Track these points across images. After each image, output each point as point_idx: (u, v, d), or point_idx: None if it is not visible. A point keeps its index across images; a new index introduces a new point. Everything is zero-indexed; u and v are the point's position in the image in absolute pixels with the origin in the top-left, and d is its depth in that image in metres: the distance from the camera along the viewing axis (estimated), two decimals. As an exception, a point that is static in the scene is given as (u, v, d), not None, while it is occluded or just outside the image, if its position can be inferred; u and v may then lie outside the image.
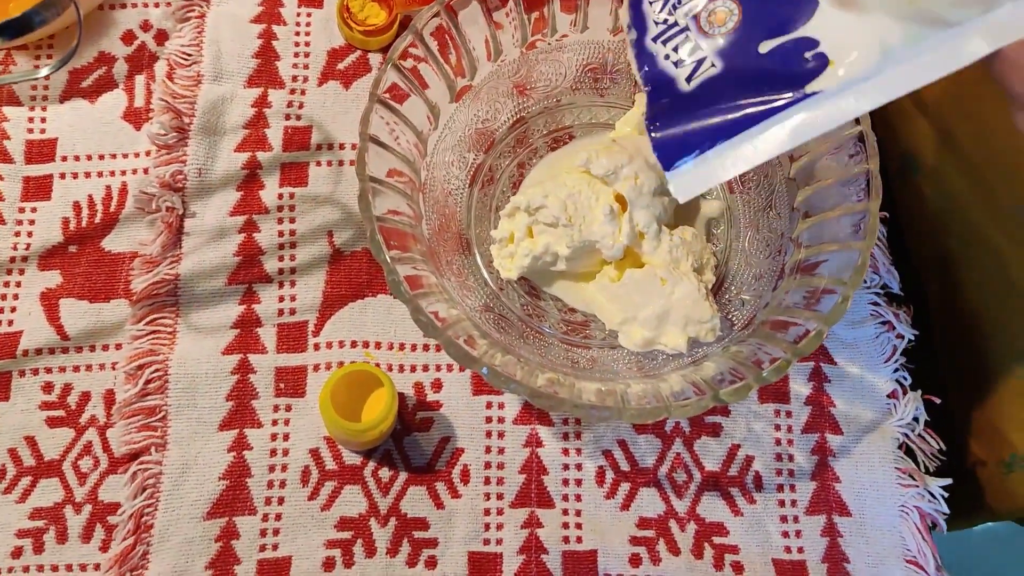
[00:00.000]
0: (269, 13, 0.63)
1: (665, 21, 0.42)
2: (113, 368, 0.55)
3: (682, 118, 0.40)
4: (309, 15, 0.63)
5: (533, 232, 0.53)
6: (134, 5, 0.63)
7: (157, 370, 0.54)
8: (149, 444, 0.53)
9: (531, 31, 0.55)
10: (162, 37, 0.63)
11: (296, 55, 0.62)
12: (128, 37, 0.63)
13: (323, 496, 0.53)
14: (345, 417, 0.50)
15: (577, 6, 0.55)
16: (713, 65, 0.40)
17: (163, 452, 0.53)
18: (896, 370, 0.56)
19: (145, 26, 0.63)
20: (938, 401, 0.55)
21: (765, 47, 0.38)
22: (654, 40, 0.42)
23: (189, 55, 0.61)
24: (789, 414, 0.55)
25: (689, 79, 0.40)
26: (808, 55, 0.37)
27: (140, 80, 0.62)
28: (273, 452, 0.53)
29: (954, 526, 0.57)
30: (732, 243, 0.56)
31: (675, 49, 0.41)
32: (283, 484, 0.53)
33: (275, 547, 0.52)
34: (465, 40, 0.53)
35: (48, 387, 0.55)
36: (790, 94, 0.37)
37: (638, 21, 0.43)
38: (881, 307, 0.57)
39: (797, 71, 0.37)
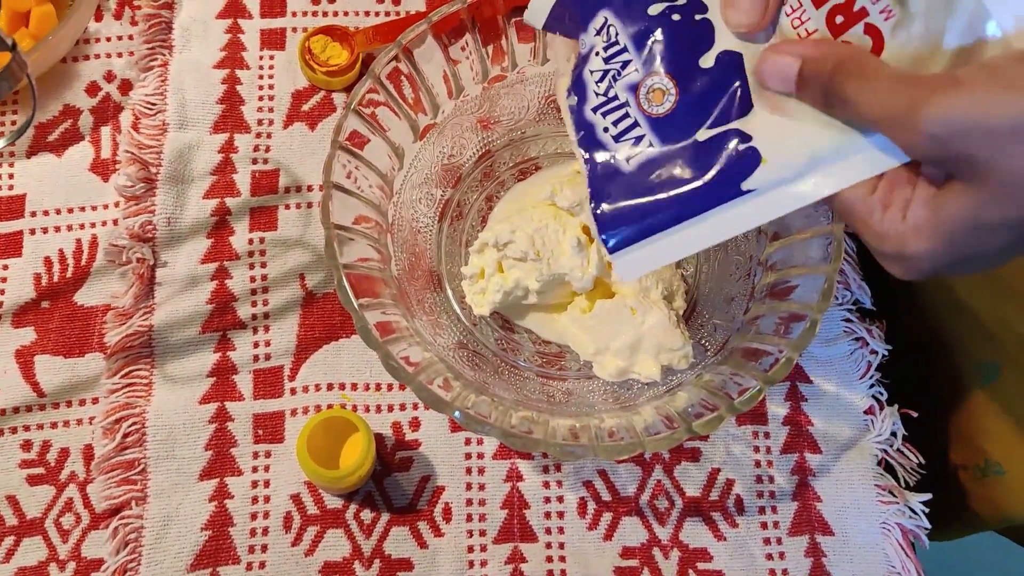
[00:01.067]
0: (232, 58, 0.63)
1: (605, 93, 0.41)
2: (90, 423, 0.55)
3: (625, 201, 0.40)
4: (272, 58, 0.63)
5: (503, 267, 0.54)
6: (97, 56, 0.64)
7: (134, 423, 0.54)
8: (130, 498, 0.53)
9: (490, 64, 0.55)
10: (126, 87, 0.63)
11: (260, 99, 0.62)
12: (92, 89, 0.63)
13: (306, 541, 0.53)
14: (323, 464, 0.50)
15: (535, 35, 0.55)
16: (651, 144, 0.40)
17: (144, 505, 0.53)
18: (872, 386, 0.56)
19: (109, 77, 0.63)
20: (915, 415, 0.55)
21: (703, 135, 0.39)
22: (594, 111, 0.42)
23: (153, 104, 0.61)
24: (767, 435, 0.55)
25: (629, 158, 0.40)
26: (742, 148, 0.38)
27: (106, 131, 0.62)
28: (254, 500, 0.53)
29: (938, 538, 0.57)
30: (702, 267, 0.56)
31: (614, 123, 0.41)
32: (266, 531, 0.53)
33: (260, 595, 0.52)
34: (424, 79, 0.53)
35: (27, 445, 0.55)
36: (728, 189, 0.38)
37: (579, 88, 0.42)
38: (854, 323, 0.57)
39: (733, 165, 0.38)
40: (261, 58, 0.63)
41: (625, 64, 0.41)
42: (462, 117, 0.57)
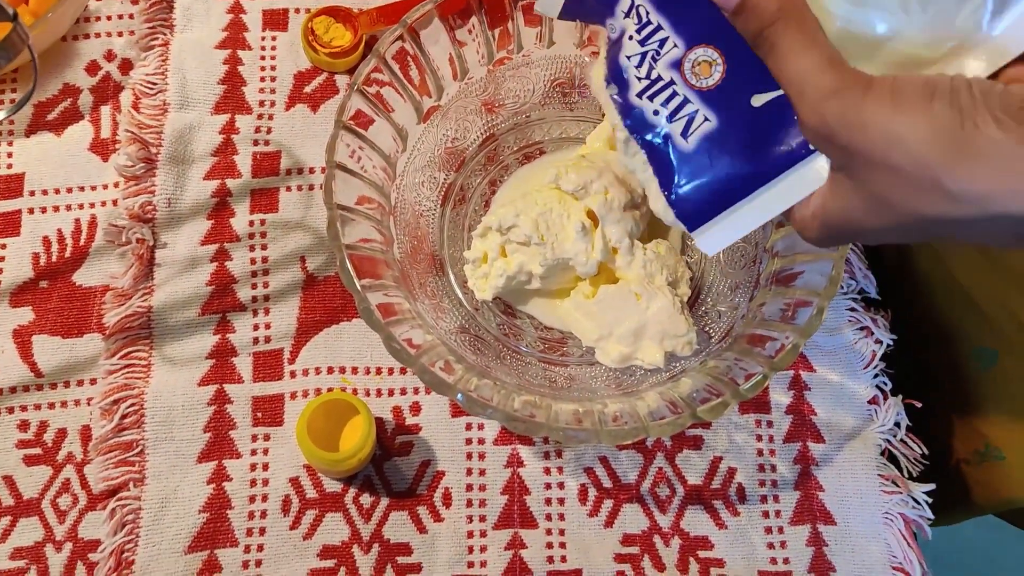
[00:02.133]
0: (234, 38, 0.62)
1: (648, 76, 0.39)
2: (88, 404, 0.55)
3: (694, 181, 0.39)
4: (274, 39, 0.63)
5: (506, 251, 0.53)
6: (97, 35, 0.63)
7: (133, 404, 0.54)
8: (127, 479, 0.52)
9: (496, 47, 0.55)
10: (127, 67, 0.62)
11: (262, 79, 0.61)
12: (92, 68, 0.62)
13: (305, 525, 0.52)
14: (323, 447, 0.50)
15: (541, 20, 0.55)
16: (707, 120, 0.38)
17: (141, 487, 0.52)
18: (876, 375, 0.55)
19: (109, 56, 0.62)
20: (919, 405, 0.55)
21: (758, 100, 0.37)
22: (639, 96, 0.40)
23: (154, 84, 0.60)
24: (770, 424, 0.55)
25: (685, 135, 0.39)
26: None
27: (106, 111, 0.61)
28: (253, 482, 0.53)
29: (937, 523, 0.57)
30: (705, 254, 0.56)
31: (664, 104, 0.39)
32: (264, 514, 0.52)
33: (258, 579, 0.51)
34: (429, 61, 0.52)
35: (24, 425, 0.54)
36: (795, 150, 0.36)
37: (617, 76, 0.40)
38: (859, 312, 0.57)
39: (795, 126, 0.36)
40: (263, 39, 0.63)
41: (663, 43, 0.39)
42: (466, 100, 0.56)
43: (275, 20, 0.63)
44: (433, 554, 0.52)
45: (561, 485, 0.53)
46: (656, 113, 0.39)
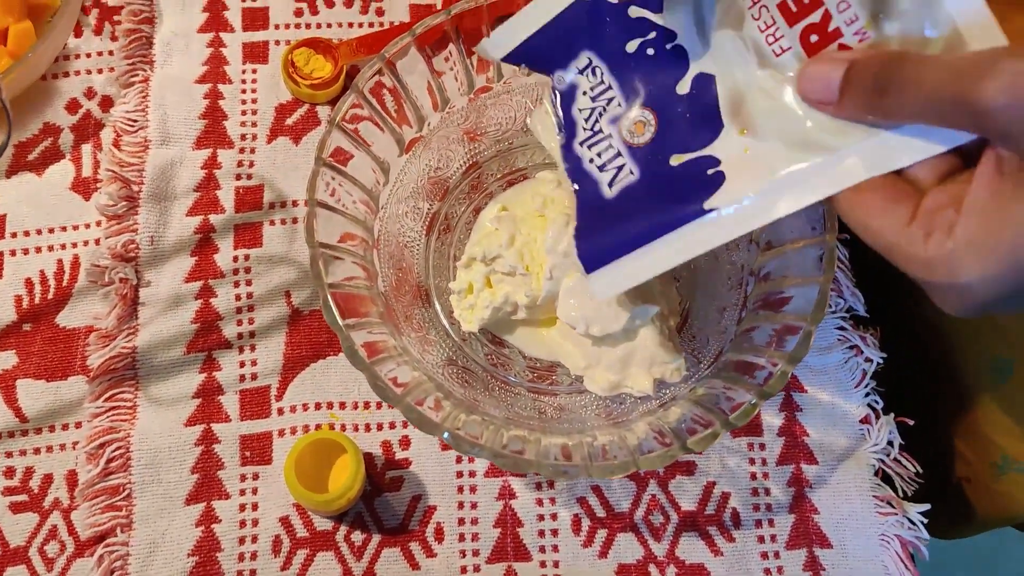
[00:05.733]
0: (214, 72, 0.62)
1: (592, 128, 0.43)
2: (74, 448, 0.54)
3: (604, 227, 0.42)
4: (255, 71, 0.62)
5: (491, 282, 0.53)
6: (77, 73, 0.62)
7: (119, 447, 0.53)
8: (115, 525, 0.52)
9: (475, 73, 0.55)
10: (107, 104, 0.62)
11: (243, 113, 0.61)
12: (73, 106, 0.62)
13: (296, 565, 0.52)
14: (311, 487, 0.49)
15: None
16: (631, 173, 0.41)
17: (129, 532, 0.52)
18: (867, 394, 0.55)
19: (89, 93, 0.62)
20: (911, 423, 0.55)
21: (676, 160, 0.40)
22: (581, 144, 0.43)
23: (135, 121, 0.60)
24: (763, 447, 0.54)
25: (611, 184, 0.42)
26: (710, 172, 0.39)
27: (87, 149, 0.61)
28: (242, 523, 0.52)
29: (953, 535, 0.56)
30: (693, 278, 0.55)
31: (599, 155, 0.43)
32: (254, 556, 0.52)
33: (250, 621, 0.51)
34: (409, 93, 0.52)
35: (9, 472, 0.54)
36: (691, 209, 0.39)
37: (568, 125, 0.44)
38: (848, 331, 0.56)
39: (699, 186, 0.39)
40: (244, 72, 0.62)
41: (610, 101, 0.43)
42: (448, 129, 0.56)
43: (255, 53, 0.63)
44: (426, 590, 0.51)
45: (554, 516, 0.53)
46: (591, 161, 0.43)
